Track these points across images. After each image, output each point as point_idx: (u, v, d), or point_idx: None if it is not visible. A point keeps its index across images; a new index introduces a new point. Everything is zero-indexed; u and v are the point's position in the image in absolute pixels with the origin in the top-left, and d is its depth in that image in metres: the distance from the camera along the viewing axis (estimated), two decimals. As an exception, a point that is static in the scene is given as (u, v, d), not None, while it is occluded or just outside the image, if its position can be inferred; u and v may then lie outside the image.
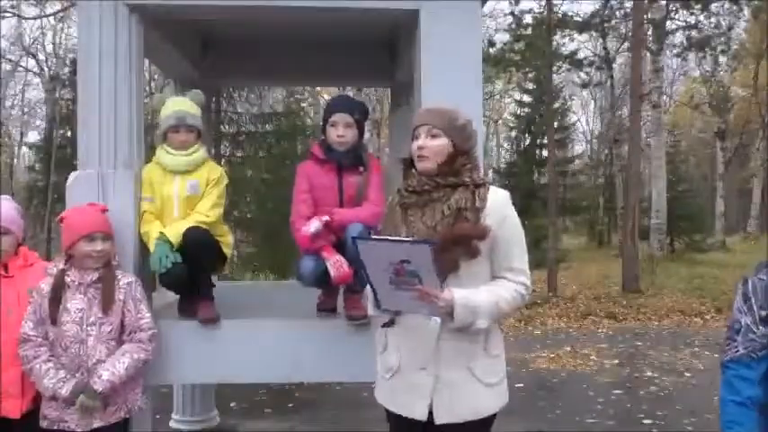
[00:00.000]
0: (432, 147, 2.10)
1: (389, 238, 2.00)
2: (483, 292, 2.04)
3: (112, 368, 2.57)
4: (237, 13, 3.23)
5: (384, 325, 2.18)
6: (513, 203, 2.18)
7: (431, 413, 2.07)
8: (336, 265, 2.80)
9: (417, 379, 2.09)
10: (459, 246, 2.02)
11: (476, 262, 2.06)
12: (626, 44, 19.60)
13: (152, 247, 2.89)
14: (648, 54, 16.37)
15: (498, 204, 2.10)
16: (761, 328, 1.92)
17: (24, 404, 2.66)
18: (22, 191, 22.83)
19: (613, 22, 16.52)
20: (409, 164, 2.19)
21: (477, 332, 2.05)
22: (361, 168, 2.98)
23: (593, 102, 32.48)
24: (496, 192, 2.13)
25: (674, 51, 17.95)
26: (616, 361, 7.65)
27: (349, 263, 2.80)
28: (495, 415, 2.14)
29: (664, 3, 15.75)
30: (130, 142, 3.03)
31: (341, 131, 2.92)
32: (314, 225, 2.83)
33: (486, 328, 2.05)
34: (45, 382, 2.55)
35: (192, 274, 2.94)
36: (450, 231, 2.02)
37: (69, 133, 17.89)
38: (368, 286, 2.07)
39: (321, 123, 3.10)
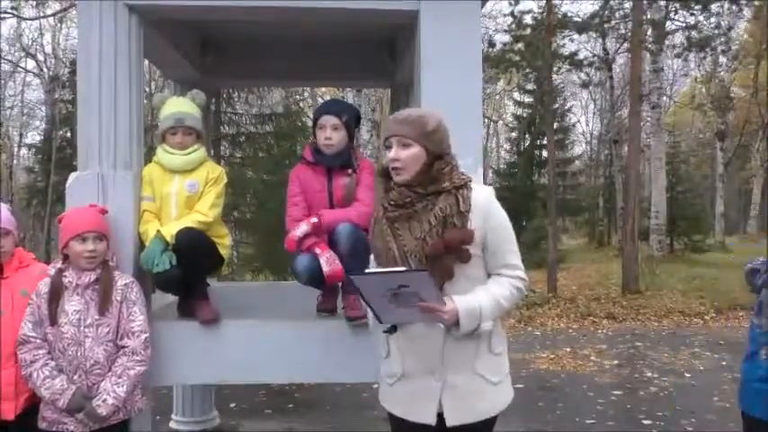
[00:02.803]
0: (405, 157, 2.07)
1: (385, 270, 1.98)
2: (483, 295, 2.04)
3: (114, 393, 2.57)
4: (237, 14, 3.23)
5: (386, 331, 2.17)
6: (512, 204, 2.17)
7: (439, 416, 2.08)
8: (330, 260, 2.83)
9: (425, 384, 2.09)
10: (450, 253, 2.02)
11: (469, 264, 2.06)
12: (626, 45, 19.59)
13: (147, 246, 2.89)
14: (648, 54, 16.36)
15: (482, 203, 2.08)
16: None
17: (18, 405, 2.65)
18: (22, 192, 22.84)
19: (613, 22, 16.49)
20: (386, 175, 2.16)
21: (483, 334, 2.07)
22: (350, 170, 3.00)
23: (592, 102, 32.49)
24: (479, 190, 2.11)
25: (674, 52, 17.93)
26: (616, 361, 7.66)
27: (340, 260, 2.82)
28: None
29: (663, 3, 15.74)
30: (130, 143, 3.03)
31: (328, 133, 2.94)
32: (301, 229, 2.89)
33: (490, 329, 2.07)
34: (42, 392, 2.55)
35: (186, 275, 2.93)
36: (441, 242, 2.01)
37: (69, 134, 17.90)
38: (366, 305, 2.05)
39: (311, 127, 3.13)
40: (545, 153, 19.89)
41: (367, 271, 1.98)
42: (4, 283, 2.69)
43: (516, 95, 25.10)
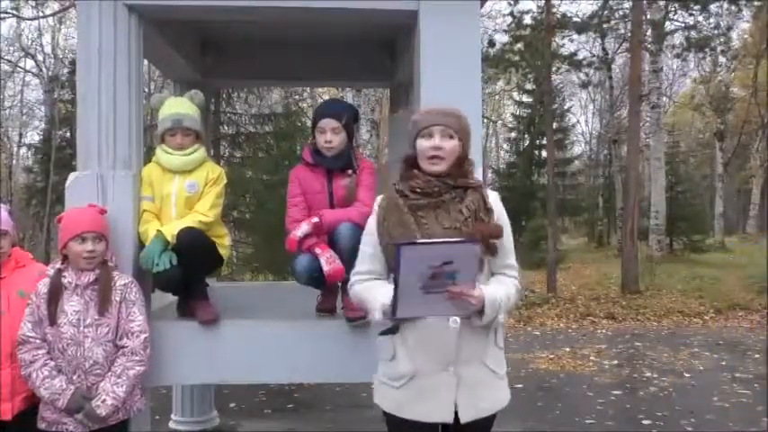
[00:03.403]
0: (447, 148, 2.11)
1: (436, 240, 1.96)
2: (499, 288, 2.09)
3: (114, 393, 2.57)
4: (237, 14, 3.23)
5: (385, 333, 2.14)
6: (512, 204, 2.21)
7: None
8: (330, 260, 2.83)
9: (440, 380, 2.08)
10: (483, 244, 2.06)
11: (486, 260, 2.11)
12: (625, 45, 19.61)
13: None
14: (647, 54, 16.37)
15: (496, 205, 2.17)
16: None
17: (15, 406, 2.64)
18: (21, 192, 22.83)
19: (612, 22, 16.51)
20: (412, 163, 2.17)
21: (494, 326, 2.12)
22: (350, 171, 3.00)
23: (592, 102, 32.50)
24: (490, 193, 2.21)
25: (674, 52, 17.94)
26: (615, 361, 7.66)
27: (340, 259, 2.82)
28: None
29: (663, 3, 15.76)
30: (129, 143, 3.02)
31: (328, 137, 2.94)
32: (302, 229, 2.89)
33: (503, 322, 2.12)
34: (42, 392, 2.55)
35: (186, 274, 2.93)
36: (479, 231, 2.06)
37: (68, 134, 17.90)
38: (384, 294, 2.01)
39: (310, 127, 3.13)
40: (544, 153, 19.89)
41: (419, 240, 1.94)
42: (1, 284, 2.69)
43: (516, 95, 25.11)
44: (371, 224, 2.21)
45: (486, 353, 2.13)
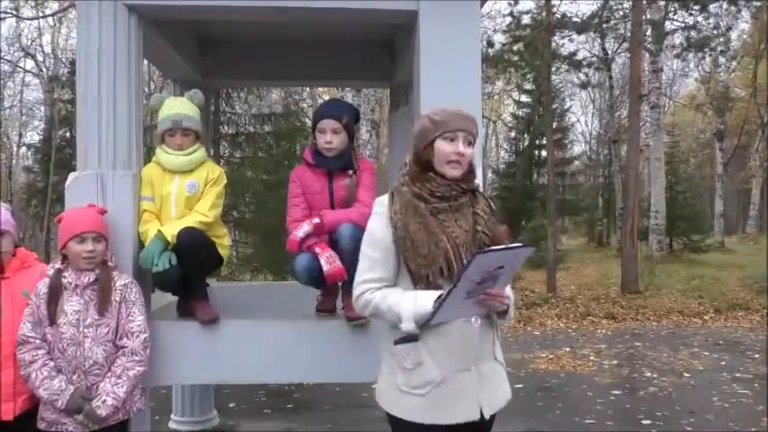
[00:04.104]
0: (467, 155, 2.11)
1: (505, 246, 1.96)
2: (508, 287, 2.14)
3: (114, 394, 2.57)
4: (237, 14, 3.23)
5: (404, 341, 2.05)
6: (512, 204, 2.24)
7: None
8: (330, 260, 2.84)
9: (465, 381, 2.08)
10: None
11: None
12: (625, 45, 19.62)
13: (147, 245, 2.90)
14: (647, 54, 16.38)
15: None
16: None
17: (17, 406, 2.64)
18: (21, 191, 22.85)
19: (612, 22, 16.51)
20: (427, 166, 2.12)
21: (500, 323, 2.18)
22: (351, 171, 3.01)
23: (591, 102, 32.51)
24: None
25: (674, 52, 17.95)
26: (615, 361, 7.66)
27: (341, 259, 2.82)
28: None
29: (662, 3, 15.77)
30: (129, 143, 3.03)
31: (328, 138, 2.95)
32: (303, 229, 2.91)
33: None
34: (41, 392, 2.55)
35: (186, 274, 2.94)
36: (504, 232, 2.12)
37: (68, 134, 17.91)
38: (412, 303, 1.99)
39: (311, 128, 3.14)
40: (544, 153, 19.91)
41: (492, 248, 1.93)
42: (4, 284, 2.69)
43: (515, 95, 25.13)
44: (378, 228, 2.12)
45: (495, 348, 2.19)
